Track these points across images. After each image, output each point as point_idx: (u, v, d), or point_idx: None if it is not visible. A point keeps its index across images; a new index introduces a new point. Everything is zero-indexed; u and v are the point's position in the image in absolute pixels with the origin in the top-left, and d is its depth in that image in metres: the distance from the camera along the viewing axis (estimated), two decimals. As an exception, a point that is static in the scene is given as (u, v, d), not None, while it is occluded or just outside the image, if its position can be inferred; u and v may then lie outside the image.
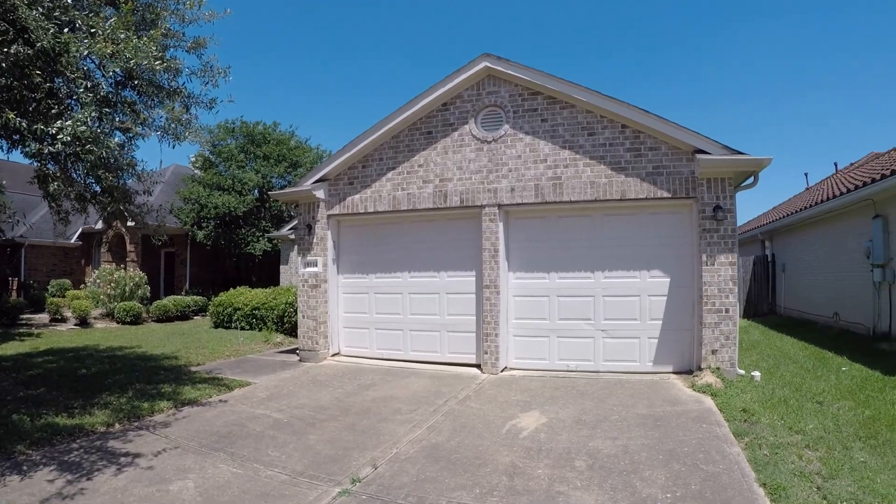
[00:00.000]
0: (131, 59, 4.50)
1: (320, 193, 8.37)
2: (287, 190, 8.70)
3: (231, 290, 13.77)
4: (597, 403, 5.66)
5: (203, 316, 16.37)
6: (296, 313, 10.92)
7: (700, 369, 6.45)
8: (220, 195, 17.75)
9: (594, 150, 6.97)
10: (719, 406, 5.31)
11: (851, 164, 15.25)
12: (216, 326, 13.08)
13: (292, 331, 11.26)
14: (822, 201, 9.70)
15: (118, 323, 14.14)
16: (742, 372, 6.43)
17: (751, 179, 6.56)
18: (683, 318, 6.74)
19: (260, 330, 11.93)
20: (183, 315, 15.66)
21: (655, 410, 5.32)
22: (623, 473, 3.70)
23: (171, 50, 5.58)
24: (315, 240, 8.42)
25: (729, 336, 6.37)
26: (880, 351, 7.02)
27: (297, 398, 6.23)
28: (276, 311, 11.76)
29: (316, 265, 8.37)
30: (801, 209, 11.21)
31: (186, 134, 5.62)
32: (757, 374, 6.51)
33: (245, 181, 18.14)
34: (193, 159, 20.08)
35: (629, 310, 6.93)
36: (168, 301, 15.38)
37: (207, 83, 5.69)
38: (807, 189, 17.66)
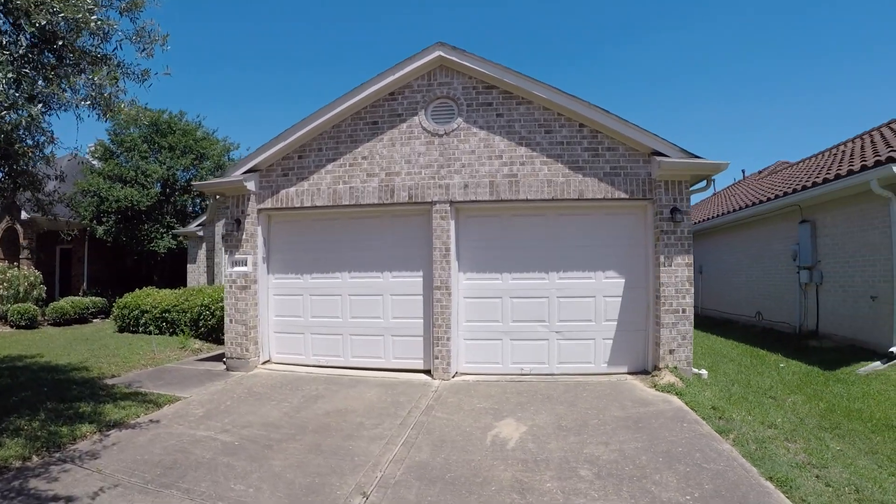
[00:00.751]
0: (60, 12, 3.61)
1: (251, 185, 7.47)
2: (213, 180, 7.69)
3: (136, 290, 12.28)
4: (568, 408, 5.46)
5: (103, 318, 14.98)
6: (212, 316, 9.94)
7: (658, 369, 6.42)
8: (121, 188, 16.11)
9: (551, 147, 6.76)
10: (689, 405, 5.32)
11: (759, 172, 16.54)
12: (121, 331, 11.61)
13: (209, 335, 10.22)
14: (745, 206, 10.29)
15: (11, 327, 12.64)
16: (695, 371, 6.49)
17: (703, 183, 6.66)
18: (638, 318, 6.71)
19: (172, 334, 10.65)
20: (81, 318, 14.14)
21: (630, 412, 5.22)
22: (633, 479, 3.60)
23: (102, 10, 4.60)
24: (244, 236, 7.51)
25: (686, 336, 6.40)
26: (811, 347, 7.46)
27: (240, 415, 5.42)
28: (189, 314, 10.54)
29: (245, 264, 7.47)
30: (723, 213, 11.87)
31: (122, 105, 4.66)
32: (704, 372, 6.62)
33: (149, 173, 16.59)
34: (92, 148, 17.99)
35: (584, 311, 6.79)
36: (65, 303, 13.78)
37: (143, 50, 4.77)
38: (714, 194, 18.96)
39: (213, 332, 10.06)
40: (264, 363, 7.66)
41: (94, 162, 17.93)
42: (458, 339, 6.94)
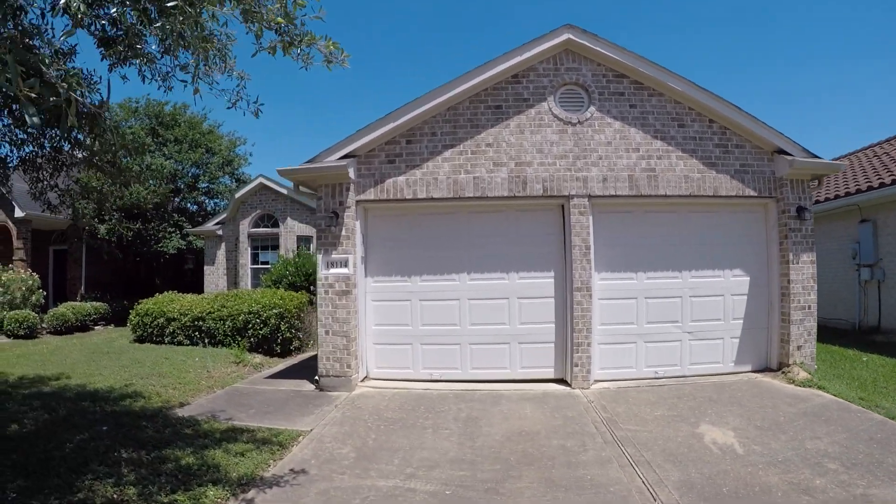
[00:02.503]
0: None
1: (352, 172, 6.40)
2: (304, 166, 6.41)
3: (157, 295, 10.41)
4: (741, 409, 5.42)
5: (105, 325, 13.78)
6: (263, 325, 8.68)
7: (787, 366, 6.53)
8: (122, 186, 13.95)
9: (685, 142, 6.63)
10: (839, 397, 5.61)
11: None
12: (140, 340, 9.87)
13: (259, 347, 8.86)
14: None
15: (8, 337, 11.23)
16: (816, 366, 6.72)
17: (815, 182, 6.95)
18: (761, 316, 6.79)
19: (209, 345, 9.08)
20: (83, 325, 12.81)
21: (799, 408, 5.37)
22: (877, 465, 3.83)
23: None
24: (343, 232, 6.39)
25: (811, 332, 6.59)
26: (879, 342, 8.15)
27: (406, 451, 4.51)
28: (230, 323, 9.01)
29: (345, 265, 6.36)
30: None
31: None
32: (815, 366, 6.90)
33: (155, 168, 15.07)
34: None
35: (714, 310, 6.73)
36: (66, 309, 12.32)
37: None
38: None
39: (265, 343, 8.74)
40: (363, 380, 6.59)
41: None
42: (595, 344, 6.51)
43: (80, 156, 5.22)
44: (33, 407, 5.50)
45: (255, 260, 13.79)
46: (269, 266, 13.16)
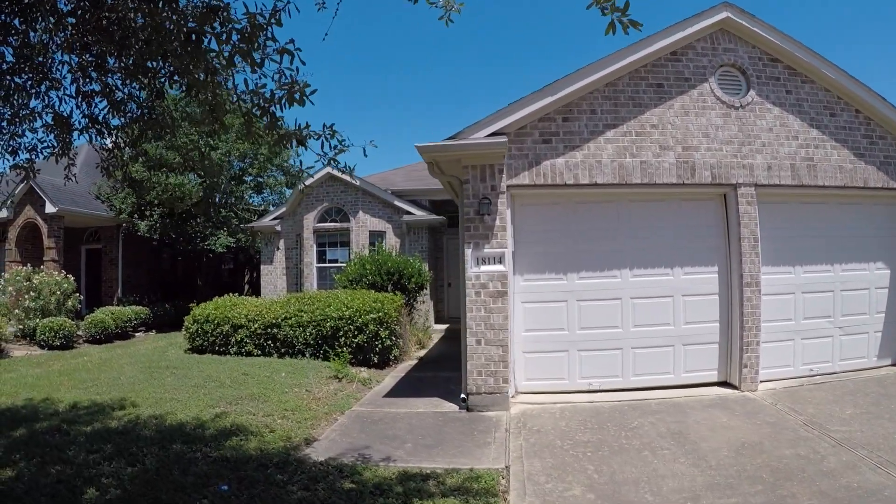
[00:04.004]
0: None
1: (505, 152, 5.50)
2: (445, 142, 5.37)
3: (217, 298, 9.08)
4: None
5: (146, 332, 12.75)
6: (358, 332, 7.42)
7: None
8: (168, 176, 12.86)
9: (837, 132, 6.38)
10: None
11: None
12: (198, 351, 8.47)
13: (353, 357, 7.64)
14: None
15: (42, 347, 9.91)
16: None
17: (941, 176, 6.99)
18: (899, 309, 6.71)
19: (282, 356, 7.82)
20: (123, 332, 11.66)
21: None
22: None
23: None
24: (498, 222, 5.47)
25: (955, 325, 6.59)
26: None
27: (642, 481, 3.82)
28: (313, 330, 7.73)
29: (501, 261, 5.44)
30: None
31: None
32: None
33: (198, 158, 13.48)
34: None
35: (860, 304, 6.55)
36: (104, 315, 11.11)
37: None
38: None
39: (359, 353, 7.56)
40: (513, 396, 5.66)
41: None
42: (762, 343, 6.06)
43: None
44: (106, 454, 4.17)
45: (320, 258, 12.13)
46: (338, 265, 11.70)
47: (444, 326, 11.48)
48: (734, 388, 5.89)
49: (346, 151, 3.16)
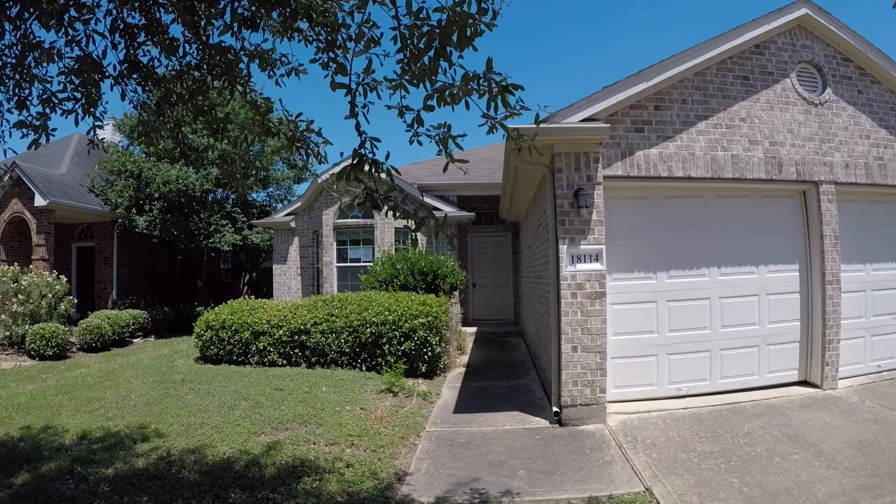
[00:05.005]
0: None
1: (602, 138, 5.15)
2: (539, 125, 4.92)
3: (232, 302, 8.20)
4: None
5: (143, 338, 11.69)
6: (404, 338, 6.74)
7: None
8: (169, 167, 11.80)
9: (903, 131, 6.46)
10: None
11: None
12: (212, 360, 7.64)
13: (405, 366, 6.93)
14: None
15: (32, 357, 8.81)
16: None
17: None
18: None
19: (313, 366, 7.10)
20: (120, 339, 10.66)
21: None
22: None
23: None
24: (595, 216, 5.10)
25: None
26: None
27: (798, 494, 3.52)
28: (349, 336, 7.05)
29: (597, 259, 5.07)
30: None
31: None
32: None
33: (203, 148, 12.31)
34: (115, 122, 13.38)
35: (919, 303, 6.63)
36: (100, 320, 10.10)
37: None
38: None
39: (405, 362, 6.88)
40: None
41: (117, 138, 13.60)
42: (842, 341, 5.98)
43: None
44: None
45: (340, 257, 11.12)
46: (361, 265, 10.84)
47: (472, 329, 10.93)
48: (815, 386, 5.78)
49: (519, 116, 2.61)
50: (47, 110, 3.00)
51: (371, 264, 9.93)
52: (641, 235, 5.56)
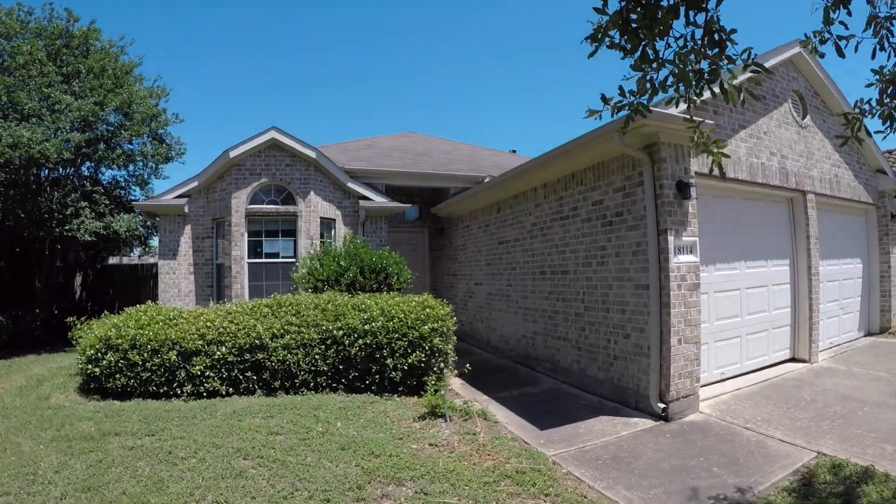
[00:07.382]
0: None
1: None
2: (640, 117, 4.99)
3: (136, 309, 6.41)
4: None
5: None
6: (411, 350, 5.92)
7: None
8: (17, 126, 8.80)
9: (847, 157, 8.04)
10: None
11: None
12: (115, 394, 5.74)
13: (401, 384, 5.94)
14: None
15: None
16: None
17: None
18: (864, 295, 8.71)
19: (271, 393, 5.76)
20: None
21: None
22: None
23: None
24: (691, 209, 5.43)
25: None
26: None
27: None
28: (330, 351, 5.82)
29: (692, 251, 5.40)
30: None
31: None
32: None
33: (60, 106, 9.53)
34: None
35: (854, 290, 8.33)
36: None
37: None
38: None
39: (410, 377, 5.94)
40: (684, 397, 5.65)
41: None
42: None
43: None
44: None
45: (254, 252, 9.25)
46: (281, 261, 9.29)
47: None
48: (803, 361, 6.89)
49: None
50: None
51: (295, 260, 8.93)
52: (724, 229, 6.19)
